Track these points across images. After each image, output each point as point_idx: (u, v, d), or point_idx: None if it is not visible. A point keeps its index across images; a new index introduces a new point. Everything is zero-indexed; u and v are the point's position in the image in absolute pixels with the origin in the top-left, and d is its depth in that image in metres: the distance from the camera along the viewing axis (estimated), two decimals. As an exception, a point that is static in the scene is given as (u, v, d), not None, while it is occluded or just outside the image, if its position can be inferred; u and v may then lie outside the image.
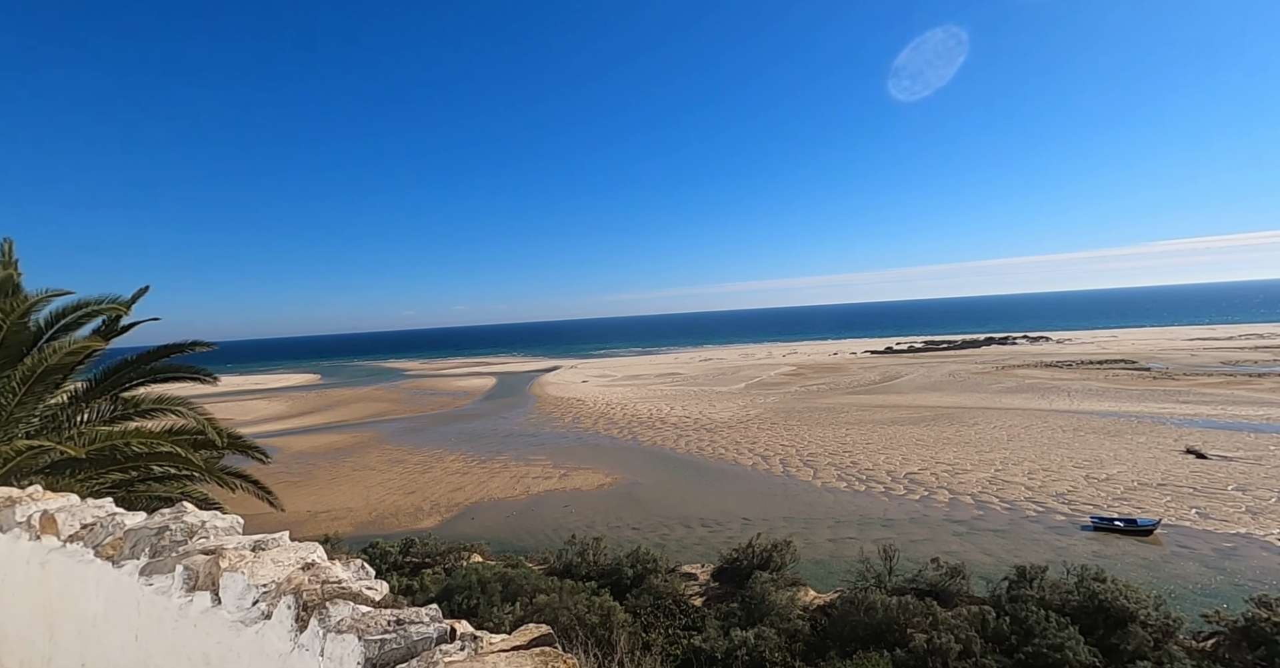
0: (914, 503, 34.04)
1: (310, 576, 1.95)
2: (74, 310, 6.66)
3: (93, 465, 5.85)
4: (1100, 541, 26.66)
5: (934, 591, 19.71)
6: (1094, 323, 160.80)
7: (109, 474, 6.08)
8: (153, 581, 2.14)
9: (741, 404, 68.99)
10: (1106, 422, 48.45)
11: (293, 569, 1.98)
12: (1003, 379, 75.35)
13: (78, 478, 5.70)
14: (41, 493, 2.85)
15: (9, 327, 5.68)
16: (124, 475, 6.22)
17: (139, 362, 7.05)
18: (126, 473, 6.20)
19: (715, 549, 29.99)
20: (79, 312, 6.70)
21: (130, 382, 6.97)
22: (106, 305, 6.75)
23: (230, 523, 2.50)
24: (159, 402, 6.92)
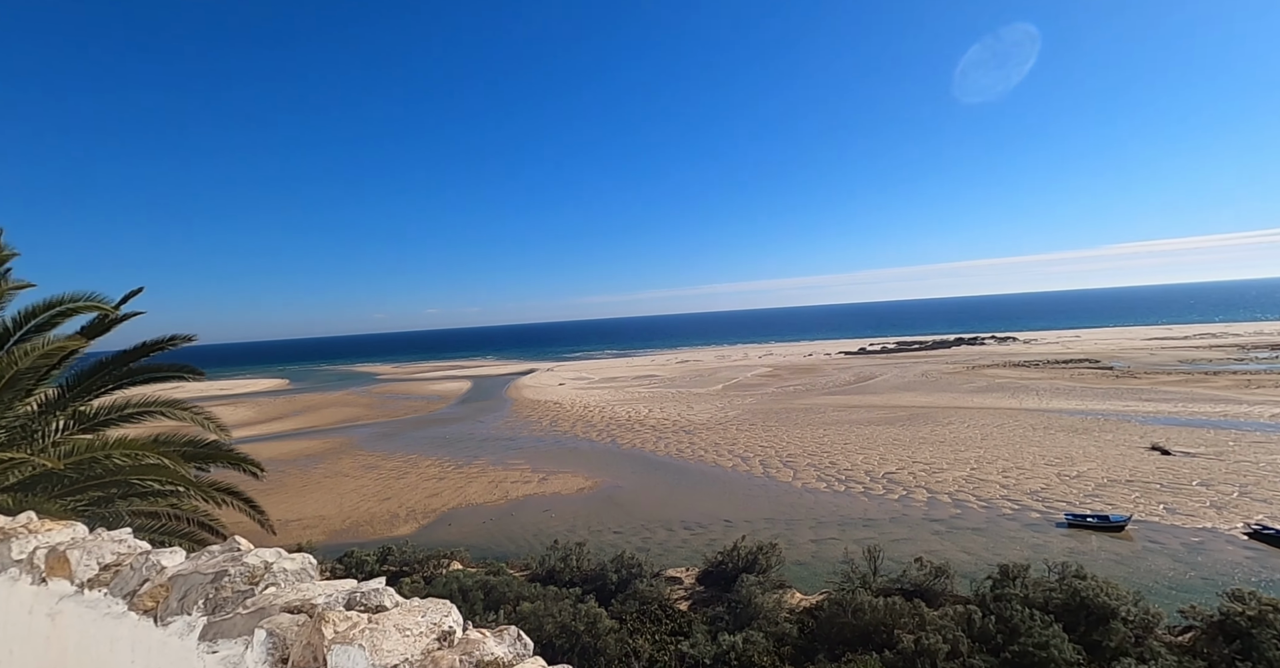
0: (893, 503, 34.37)
1: (459, 656, 1.33)
2: (46, 308, 5.97)
3: (69, 482, 5.20)
4: (1075, 537, 27.21)
5: (919, 591, 19.80)
6: (1057, 323, 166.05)
7: (87, 491, 5.43)
8: (218, 647, 1.59)
9: (719, 406, 69.11)
10: (1075, 420, 49.78)
11: (428, 640, 1.39)
12: (974, 379, 77.04)
13: (52, 496, 5.06)
14: (40, 523, 2.27)
15: None
16: (103, 492, 5.59)
17: (117, 362, 6.33)
18: (106, 490, 5.56)
19: (699, 552, 29.80)
20: (52, 310, 6.00)
21: (108, 385, 6.26)
22: (84, 303, 6.06)
23: (301, 565, 1.90)
24: (145, 404, 6.24)
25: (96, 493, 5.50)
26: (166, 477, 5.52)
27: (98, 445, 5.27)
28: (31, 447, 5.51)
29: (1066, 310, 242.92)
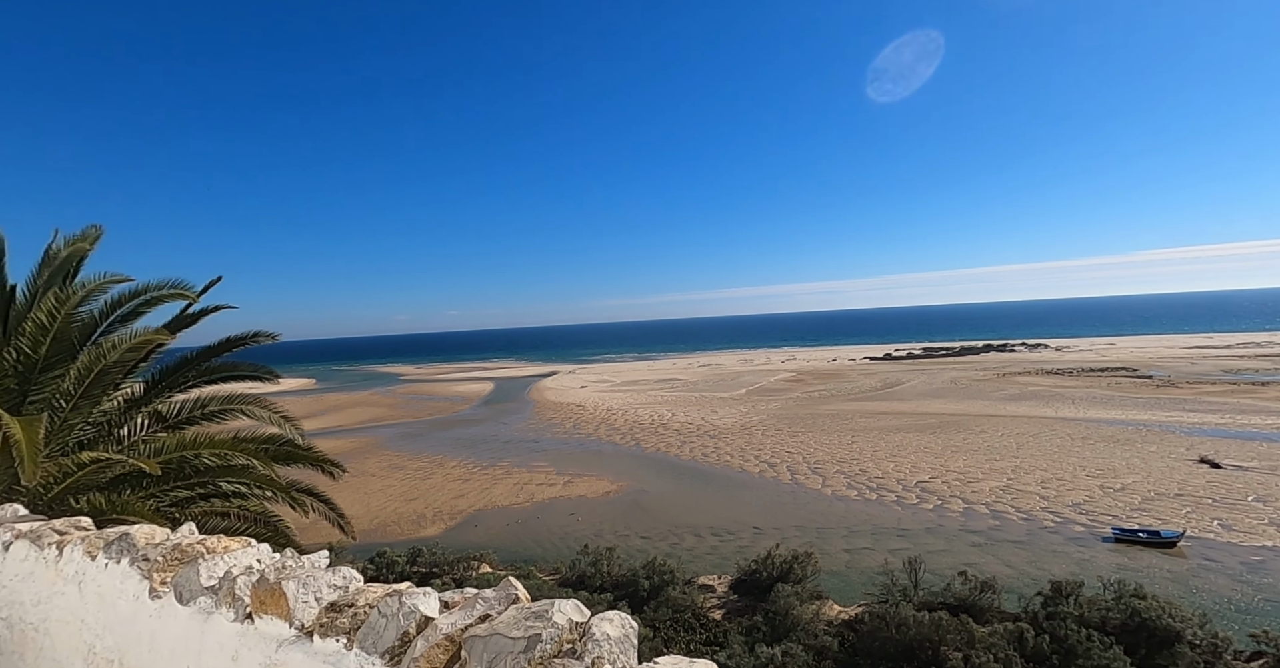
0: (928, 512, 33.45)
1: None
2: (131, 297, 5.84)
3: (155, 481, 5.05)
4: (1123, 552, 26.10)
5: (964, 606, 19.06)
6: (1091, 330, 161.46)
7: (173, 491, 5.29)
8: None
9: (743, 410, 68.36)
10: (1115, 430, 48.09)
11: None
12: (1005, 386, 75.10)
13: (139, 496, 4.91)
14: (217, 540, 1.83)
15: (62, 317, 4.90)
16: (189, 492, 5.44)
17: (201, 357, 6.21)
18: (191, 490, 5.42)
19: (728, 559, 29.31)
20: (138, 299, 5.88)
21: (189, 382, 6.13)
22: (170, 292, 5.93)
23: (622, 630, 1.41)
24: (227, 402, 6.09)
25: (182, 493, 5.35)
26: (253, 478, 5.36)
27: (187, 444, 5.12)
28: (117, 444, 5.39)
29: (1099, 317, 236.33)
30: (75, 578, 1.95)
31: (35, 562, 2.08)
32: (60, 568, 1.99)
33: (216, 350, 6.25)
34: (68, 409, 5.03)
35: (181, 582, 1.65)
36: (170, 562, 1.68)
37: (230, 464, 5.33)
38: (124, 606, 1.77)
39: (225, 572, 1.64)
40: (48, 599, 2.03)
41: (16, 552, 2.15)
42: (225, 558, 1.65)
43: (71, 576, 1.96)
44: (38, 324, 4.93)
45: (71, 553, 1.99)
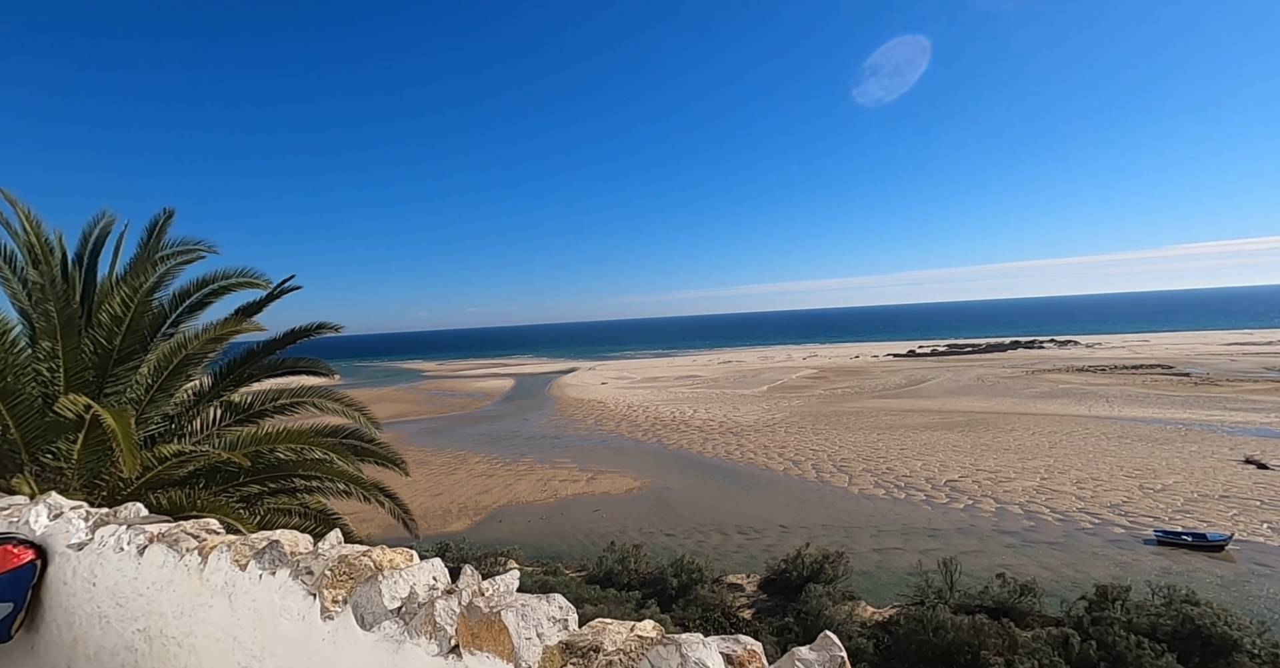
0: (958, 512, 32.79)
1: None
2: (200, 286, 5.83)
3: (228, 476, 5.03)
4: (1167, 556, 25.26)
5: (1003, 609, 18.58)
6: (1123, 326, 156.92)
7: (245, 487, 5.26)
8: None
9: (765, 407, 67.81)
10: (1152, 429, 46.64)
11: None
12: (1034, 384, 73.36)
13: (212, 491, 4.89)
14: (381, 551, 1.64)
15: (136, 305, 4.90)
16: (261, 488, 5.41)
17: (267, 349, 6.17)
18: (263, 485, 5.39)
19: (755, 557, 29.06)
20: (208, 288, 5.86)
21: (254, 376, 6.11)
22: (240, 280, 5.92)
23: None
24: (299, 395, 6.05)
25: (253, 488, 5.33)
26: (327, 472, 5.33)
27: (262, 438, 5.09)
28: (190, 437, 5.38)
29: (1131, 313, 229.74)
30: (224, 590, 1.80)
31: (174, 569, 1.94)
32: (206, 577, 1.85)
33: (282, 342, 6.21)
34: (144, 402, 5.01)
35: (362, 603, 1.44)
36: (339, 577, 1.50)
37: (305, 458, 5.28)
38: (287, 626, 1.60)
39: (410, 592, 1.45)
40: (192, 612, 1.89)
41: (153, 557, 2.01)
42: (404, 575, 1.47)
43: (220, 587, 1.81)
44: (113, 315, 4.92)
45: (218, 561, 1.84)
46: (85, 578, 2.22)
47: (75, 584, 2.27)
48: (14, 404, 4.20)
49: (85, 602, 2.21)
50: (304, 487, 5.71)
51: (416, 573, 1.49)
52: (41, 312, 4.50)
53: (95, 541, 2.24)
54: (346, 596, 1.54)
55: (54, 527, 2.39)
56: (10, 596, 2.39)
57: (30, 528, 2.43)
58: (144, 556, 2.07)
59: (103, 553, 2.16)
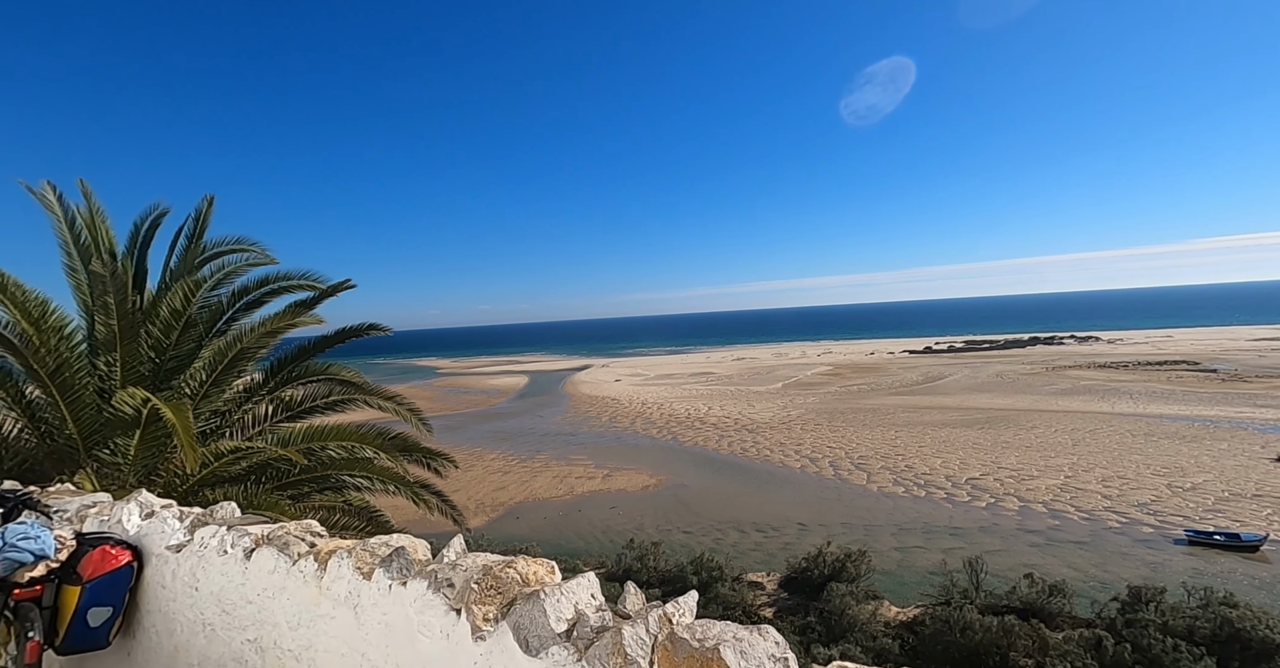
0: (980, 511, 32.33)
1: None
2: (259, 285, 5.83)
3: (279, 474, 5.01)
4: (1198, 556, 24.69)
5: (1032, 610, 18.25)
6: (1145, 322, 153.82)
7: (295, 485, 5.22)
8: None
9: (781, 404, 67.39)
10: (1179, 426, 45.66)
11: None
12: (1055, 380, 72.19)
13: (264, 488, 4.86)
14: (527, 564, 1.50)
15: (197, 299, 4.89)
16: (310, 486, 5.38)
17: (317, 347, 6.15)
18: (314, 484, 5.36)
19: (774, 556, 28.88)
20: (266, 287, 5.86)
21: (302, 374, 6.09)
22: (299, 282, 5.90)
23: None
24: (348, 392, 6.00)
25: (304, 487, 5.31)
26: (376, 471, 5.29)
27: (314, 435, 5.06)
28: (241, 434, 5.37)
29: (1153, 308, 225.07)
30: (348, 600, 1.66)
31: (287, 575, 1.82)
32: (326, 586, 1.71)
33: (332, 340, 6.19)
34: (198, 397, 4.99)
35: (524, 623, 1.28)
36: (487, 592, 1.35)
37: (356, 456, 5.24)
38: (428, 644, 1.45)
39: (574, 612, 1.31)
40: (310, 623, 1.76)
41: (262, 561, 1.90)
42: (565, 592, 1.33)
43: (343, 597, 1.67)
44: (172, 309, 4.90)
45: (339, 568, 1.69)
46: (186, 582, 2.12)
47: (175, 589, 2.17)
48: (73, 399, 4.19)
49: (187, 608, 2.11)
50: (353, 484, 5.67)
51: (575, 590, 1.36)
52: (101, 305, 4.48)
53: (195, 542, 2.14)
54: (498, 613, 1.39)
55: (148, 527, 2.29)
56: (109, 599, 2.31)
57: (123, 527, 2.34)
58: (252, 560, 1.95)
59: (204, 556, 2.06)
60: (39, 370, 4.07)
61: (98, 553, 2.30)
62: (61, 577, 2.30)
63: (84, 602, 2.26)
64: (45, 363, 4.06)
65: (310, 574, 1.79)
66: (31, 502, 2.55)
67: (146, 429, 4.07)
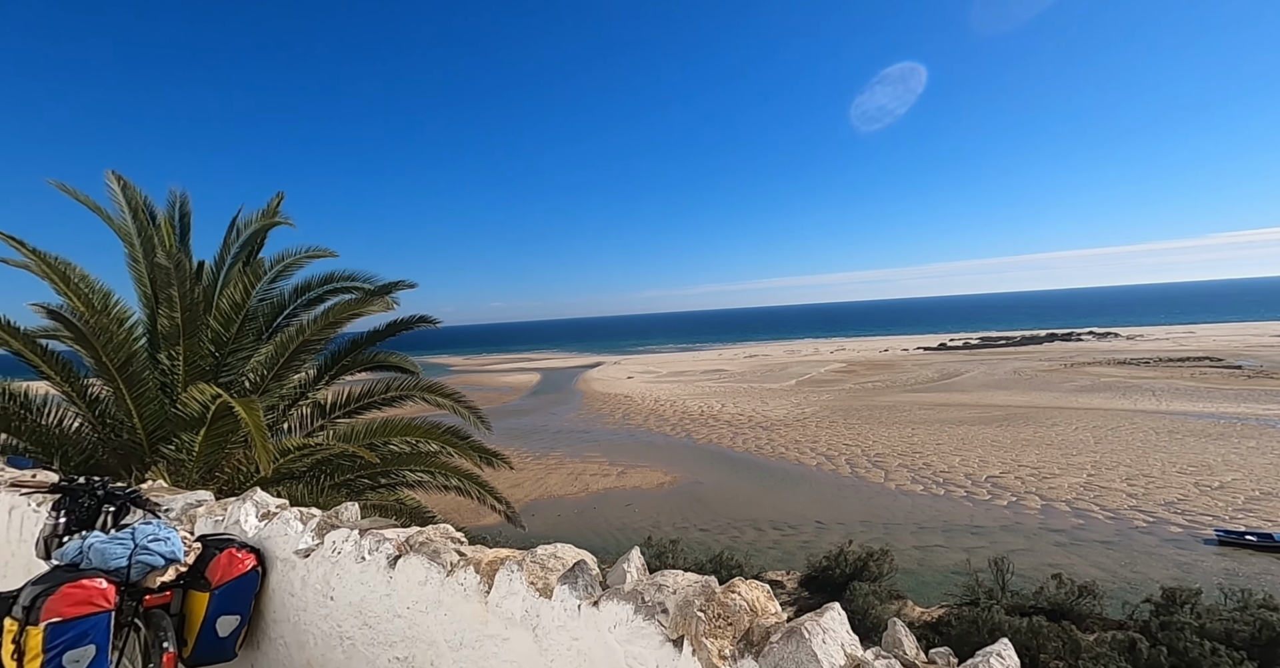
0: (1002, 509, 31.92)
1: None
2: (321, 283, 5.80)
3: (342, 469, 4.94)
4: (1230, 557, 24.19)
5: (1061, 611, 17.94)
6: (1165, 318, 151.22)
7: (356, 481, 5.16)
8: None
9: (795, 402, 67.01)
10: (1205, 424, 44.79)
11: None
12: (1075, 377, 71.15)
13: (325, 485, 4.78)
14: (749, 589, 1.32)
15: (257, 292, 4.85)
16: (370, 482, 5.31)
17: (370, 341, 6.11)
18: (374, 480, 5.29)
19: (792, 554, 28.69)
20: (327, 286, 5.83)
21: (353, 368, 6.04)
22: (362, 282, 5.86)
23: None
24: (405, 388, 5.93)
25: (363, 484, 5.24)
26: (440, 467, 5.22)
27: (378, 430, 5.00)
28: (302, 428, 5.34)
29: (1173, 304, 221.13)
30: (525, 621, 1.48)
31: (441, 587, 1.65)
32: (495, 603, 1.54)
33: (383, 334, 6.15)
34: (258, 391, 4.93)
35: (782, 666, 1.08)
36: (716, 622, 1.17)
37: (417, 452, 5.17)
38: None
39: (846, 658, 1.11)
40: (476, 644, 1.58)
41: (410, 571, 1.72)
42: (824, 630, 1.11)
43: (518, 617, 1.49)
44: (232, 302, 4.85)
45: (510, 583, 1.51)
46: (319, 590, 1.97)
47: (306, 597, 2.02)
48: (139, 394, 4.14)
49: (320, 619, 1.95)
50: (413, 480, 5.61)
51: (832, 626, 1.18)
52: (165, 297, 4.43)
53: (326, 546, 1.99)
54: (734, 650, 1.20)
55: (269, 528, 2.16)
56: (236, 607, 2.16)
57: (241, 529, 2.22)
58: (396, 568, 1.79)
59: (339, 562, 1.91)
60: (109, 364, 4.02)
61: (225, 556, 2.16)
62: (189, 582, 2.16)
63: (212, 610, 2.12)
64: (114, 357, 4.01)
65: (472, 588, 1.63)
66: (140, 499, 2.41)
67: (212, 425, 4.00)
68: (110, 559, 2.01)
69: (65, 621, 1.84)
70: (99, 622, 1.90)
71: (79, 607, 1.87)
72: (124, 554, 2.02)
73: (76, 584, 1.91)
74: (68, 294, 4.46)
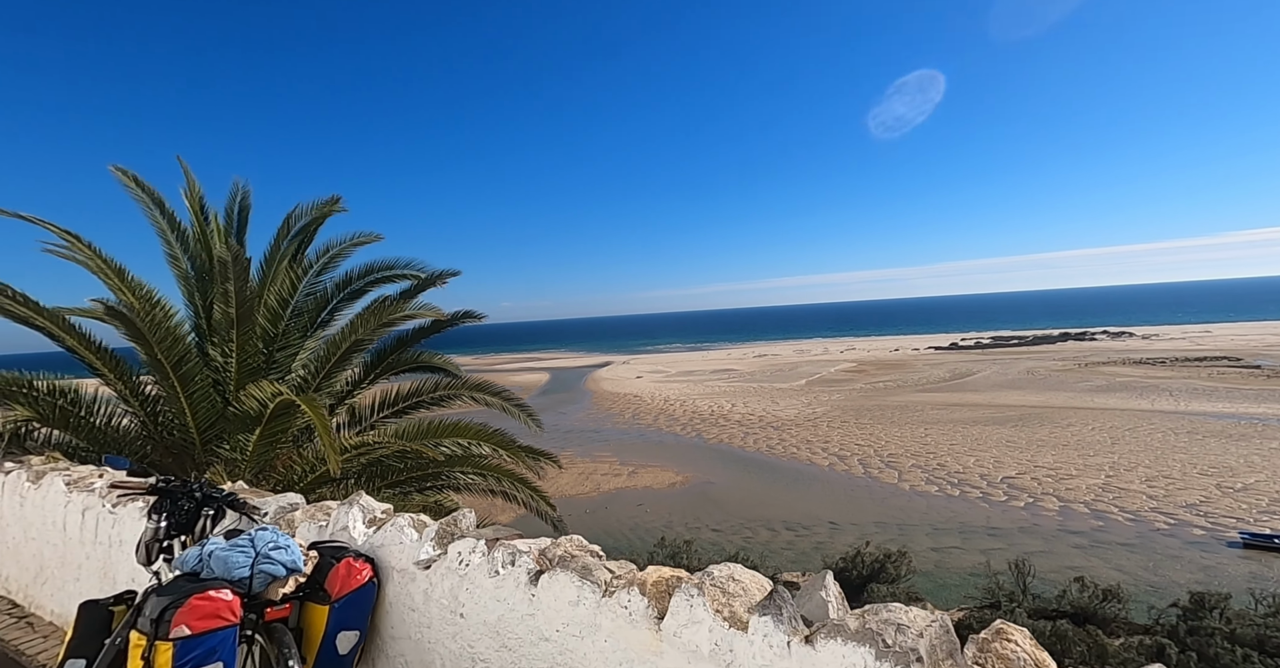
0: (1019, 511, 31.57)
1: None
2: (364, 274, 5.69)
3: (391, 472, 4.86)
4: (1255, 560, 23.78)
5: (1085, 615, 17.63)
6: (1181, 317, 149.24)
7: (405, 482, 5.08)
8: None
9: (805, 401, 66.66)
10: (1225, 424, 44.12)
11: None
12: (1090, 377, 70.34)
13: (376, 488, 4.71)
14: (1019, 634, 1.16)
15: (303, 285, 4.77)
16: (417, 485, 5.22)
17: (415, 338, 6.02)
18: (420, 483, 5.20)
19: (806, 555, 28.52)
20: (369, 276, 5.72)
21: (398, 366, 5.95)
22: (403, 271, 5.77)
23: None
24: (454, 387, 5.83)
25: (411, 486, 5.17)
26: (490, 469, 5.14)
27: (430, 430, 4.92)
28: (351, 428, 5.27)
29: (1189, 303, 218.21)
30: (716, 657, 1.30)
31: (598, 610, 1.48)
32: (673, 632, 1.35)
33: (429, 331, 6.06)
34: (309, 390, 4.85)
35: None
36: (937, 655, 1.09)
37: (470, 453, 5.10)
38: None
39: None
40: None
41: (558, 590, 1.55)
42: None
43: (705, 650, 1.31)
44: (280, 298, 4.78)
45: (691, 610, 1.32)
46: (445, 606, 1.82)
47: (430, 613, 1.86)
48: (192, 391, 4.08)
49: (448, 638, 1.80)
50: (465, 484, 5.54)
51: None
52: (221, 292, 4.36)
53: (450, 558, 1.85)
54: None
55: (382, 536, 2.01)
56: (355, 622, 2.00)
57: (349, 535, 2.09)
58: (540, 585, 1.62)
59: (468, 575, 1.77)
60: (163, 361, 3.96)
61: (343, 566, 2.02)
62: (308, 594, 2.02)
63: (332, 624, 1.98)
64: (170, 353, 3.95)
65: (639, 612, 1.45)
66: (237, 502, 2.27)
67: (268, 424, 3.94)
68: (233, 568, 1.88)
69: (194, 635, 1.72)
70: (226, 637, 1.78)
71: (207, 620, 1.75)
72: (246, 563, 1.90)
73: (204, 596, 1.79)
74: (123, 290, 4.41)
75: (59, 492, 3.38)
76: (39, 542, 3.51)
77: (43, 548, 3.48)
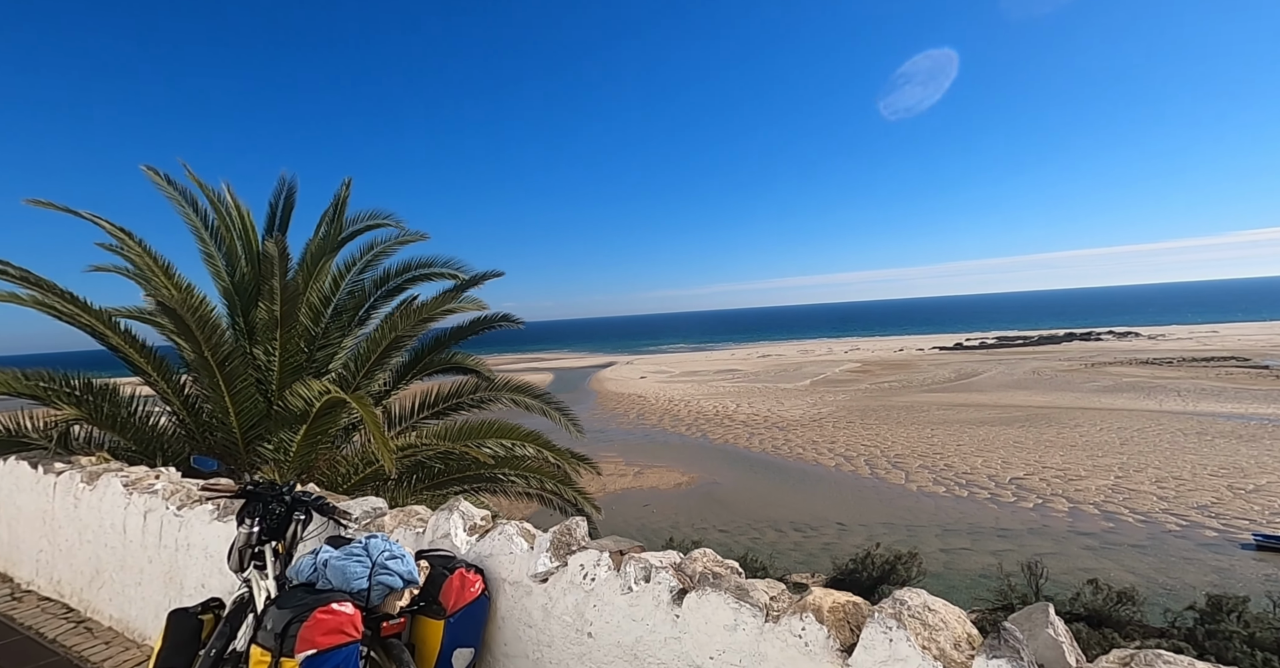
0: (1028, 512, 31.42)
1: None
2: (401, 271, 5.63)
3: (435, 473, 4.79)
4: (1269, 562, 23.62)
5: (1099, 617, 17.50)
6: (1187, 317, 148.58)
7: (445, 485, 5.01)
8: None
9: (811, 402, 66.53)
10: (1235, 425, 43.87)
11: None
12: (1096, 377, 70.05)
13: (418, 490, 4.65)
14: None
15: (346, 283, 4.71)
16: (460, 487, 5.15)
17: (453, 338, 5.95)
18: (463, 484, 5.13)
19: (814, 555, 28.42)
20: (407, 274, 5.66)
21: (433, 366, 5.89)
22: (442, 270, 5.70)
23: None
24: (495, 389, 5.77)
25: (450, 488, 5.09)
26: (534, 472, 5.08)
27: (474, 431, 4.86)
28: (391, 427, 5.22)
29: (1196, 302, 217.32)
30: None
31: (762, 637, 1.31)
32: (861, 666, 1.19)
33: (466, 331, 6.00)
34: (350, 389, 4.77)
35: None
36: None
37: (511, 456, 5.03)
38: None
39: None
40: None
41: (709, 612, 1.37)
42: None
43: None
44: (321, 295, 4.72)
45: (888, 644, 1.17)
46: (569, 624, 1.69)
47: (550, 631, 1.74)
48: (237, 390, 4.02)
49: (573, 659, 1.67)
50: (502, 487, 5.48)
51: None
52: (267, 288, 4.30)
53: (571, 571, 1.73)
54: None
55: (489, 545, 1.91)
56: (469, 638, 1.88)
57: (453, 544, 2.00)
58: (685, 606, 1.47)
59: (595, 591, 1.65)
60: (209, 358, 3.90)
61: (456, 578, 1.92)
62: (422, 607, 1.93)
63: (448, 640, 1.87)
64: (217, 351, 3.90)
65: (818, 643, 1.30)
66: (325, 506, 2.19)
67: (314, 423, 3.87)
68: (352, 579, 1.79)
69: (320, 652, 1.63)
70: (350, 654, 1.69)
71: (332, 636, 1.66)
72: (364, 574, 1.80)
73: (327, 609, 1.69)
74: (169, 288, 4.35)
75: (117, 493, 3.31)
76: (94, 544, 3.44)
77: (99, 551, 3.42)
